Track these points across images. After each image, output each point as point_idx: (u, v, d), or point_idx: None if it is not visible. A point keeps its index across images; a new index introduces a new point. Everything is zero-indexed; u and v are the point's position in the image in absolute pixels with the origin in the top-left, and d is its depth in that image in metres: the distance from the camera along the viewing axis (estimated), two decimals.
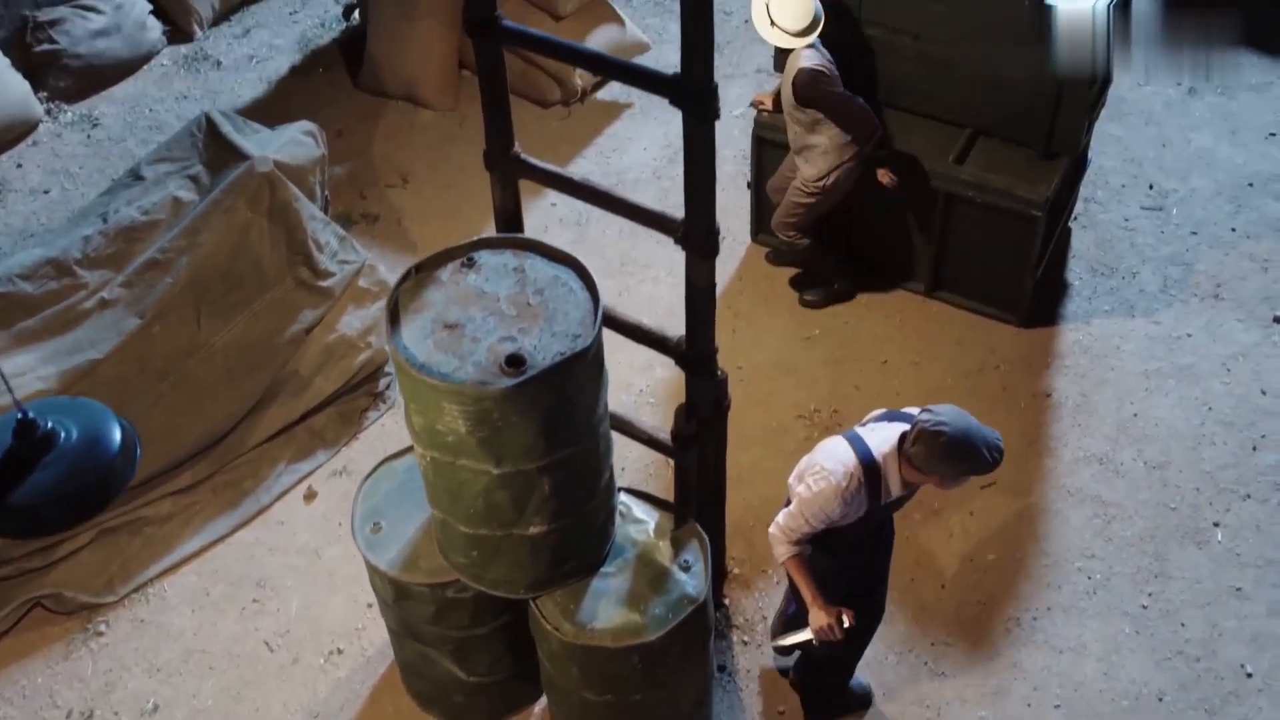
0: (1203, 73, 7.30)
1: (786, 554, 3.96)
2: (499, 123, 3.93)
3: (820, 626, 3.97)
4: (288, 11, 8.23)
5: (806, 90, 5.41)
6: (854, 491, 3.80)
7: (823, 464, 3.85)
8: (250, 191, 5.31)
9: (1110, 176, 6.87)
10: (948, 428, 3.64)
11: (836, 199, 5.73)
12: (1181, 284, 6.33)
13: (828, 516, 3.84)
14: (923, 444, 3.67)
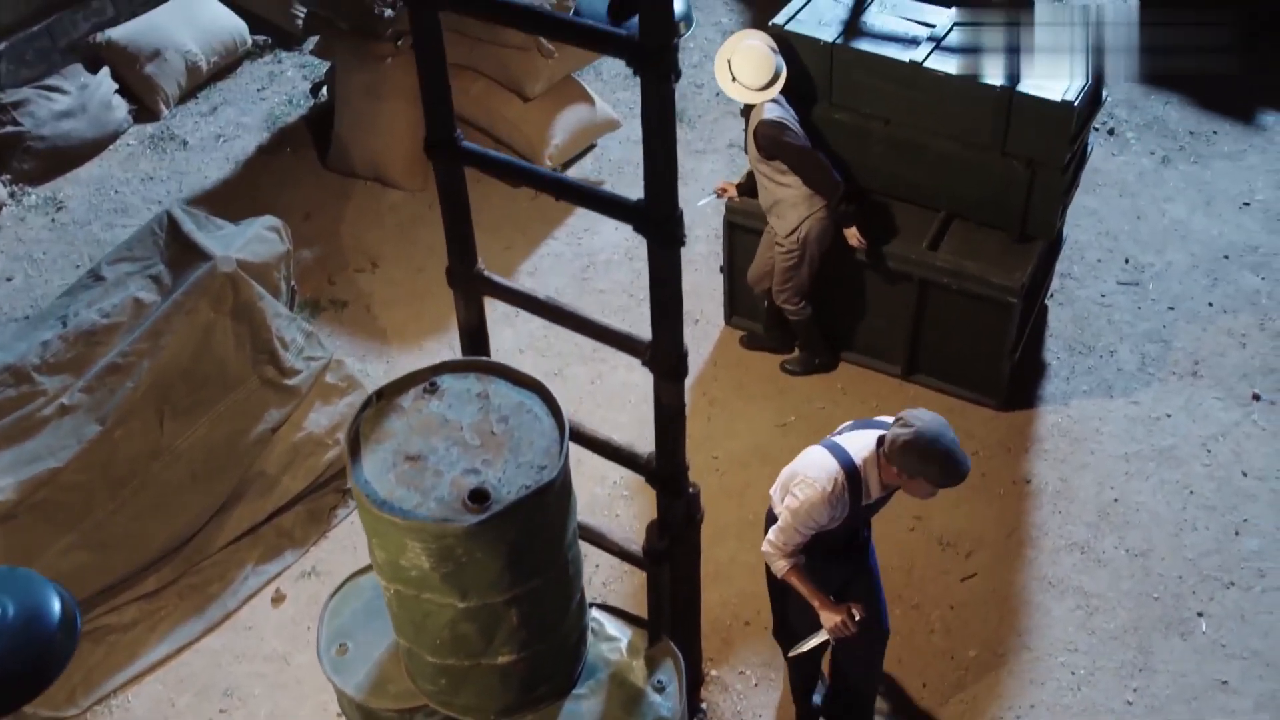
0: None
1: (786, 566, 4.17)
2: (461, 240, 3.84)
3: (833, 624, 4.15)
4: (255, 88, 8.15)
5: (768, 142, 5.41)
6: (838, 496, 4.01)
7: (806, 473, 4.06)
8: (213, 292, 5.22)
9: (1086, 251, 6.83)
10: (925, 431, 3.88)
11: (817, 253, 5.68)
12: (1160, 362, 6.28)
13: (816, 522, 4.06)
14: (900, 446, 3.90)
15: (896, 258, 5.68)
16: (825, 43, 5.60)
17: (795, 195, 5.51)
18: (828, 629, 4.21)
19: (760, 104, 5.45)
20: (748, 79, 5.42)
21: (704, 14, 8.55)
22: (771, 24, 5.75)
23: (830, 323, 6.12)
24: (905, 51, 5.53)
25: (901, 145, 5.71)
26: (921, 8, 5.83)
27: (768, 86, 5.44)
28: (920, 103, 5.53)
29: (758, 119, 5.44)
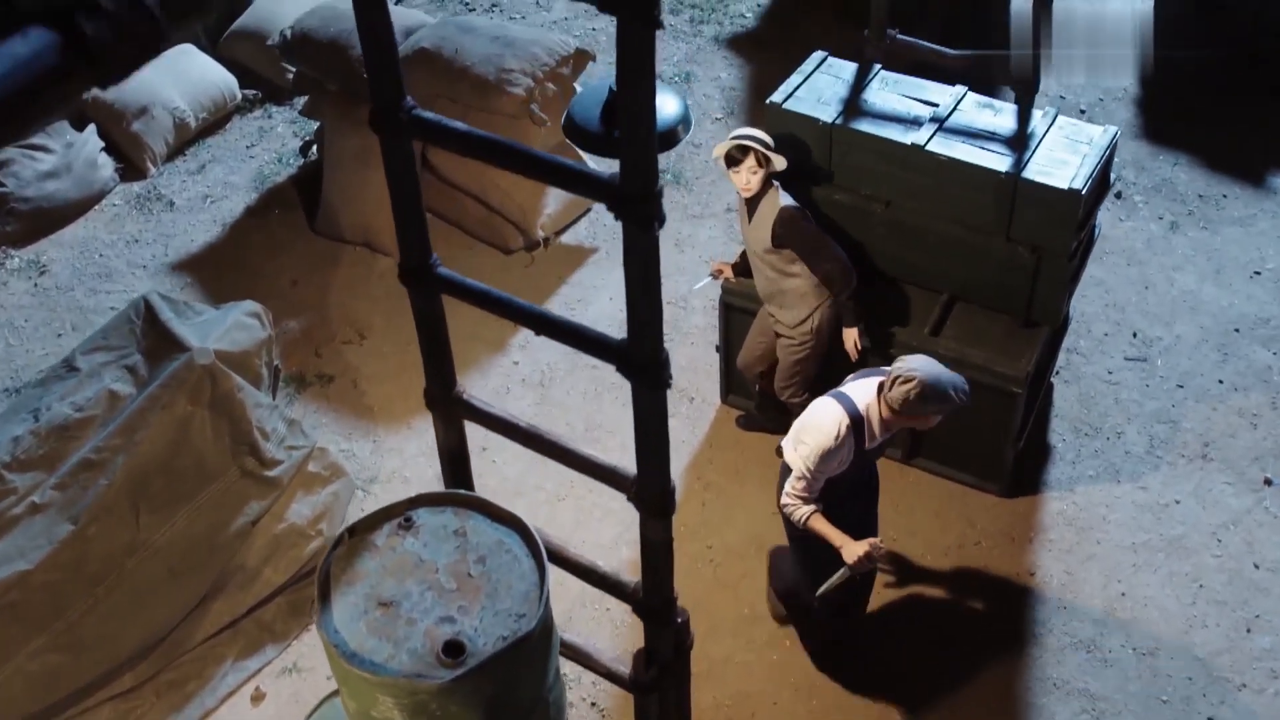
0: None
1: (807, 513, 4.52)
2: (439, 363, 3.68)
3: (857, 558, 4.50)
4: (244, 145, 7.99)
5: (785, 229, 5.19)
6: (844, 440, 4.41)
7: (816, 421, 4.47)
8: (190, 385, 5.05)
9: (1093, 324, 6.66)
10: (919, 374, 4.34)
11: (826, 342, 5.51)
12: (1168, 443, 6.10)
13: (827, 466, 4.45)
14: (898, 391, 4.34)
15: (898, 343, 5.51)
16: (824, 123, 5.44)
17: (803, 285, 5.32)
18: (852, 564, 4.53)
19: (772, 192, 5.24)
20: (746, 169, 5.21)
21: (702, 69, 8.39)
22: (769, 102, 5.59)
23: None
24: (907, 133, 5.37)
25: (903, 227, 5.54)
26: (924, 85, 5.66)
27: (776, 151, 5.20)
28: (922, 185, 5.36)
29: (772, 207, 5.23)
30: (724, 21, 8.78)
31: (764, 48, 8.55)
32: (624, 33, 2.54)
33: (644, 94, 2.63)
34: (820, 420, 4.46)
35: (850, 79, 5.69)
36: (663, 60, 8.43)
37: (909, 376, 4.35)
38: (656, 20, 2.51)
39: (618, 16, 2.53)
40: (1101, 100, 8.17)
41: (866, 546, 4.51)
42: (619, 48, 2.59)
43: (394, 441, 6.19)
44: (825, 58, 5.82)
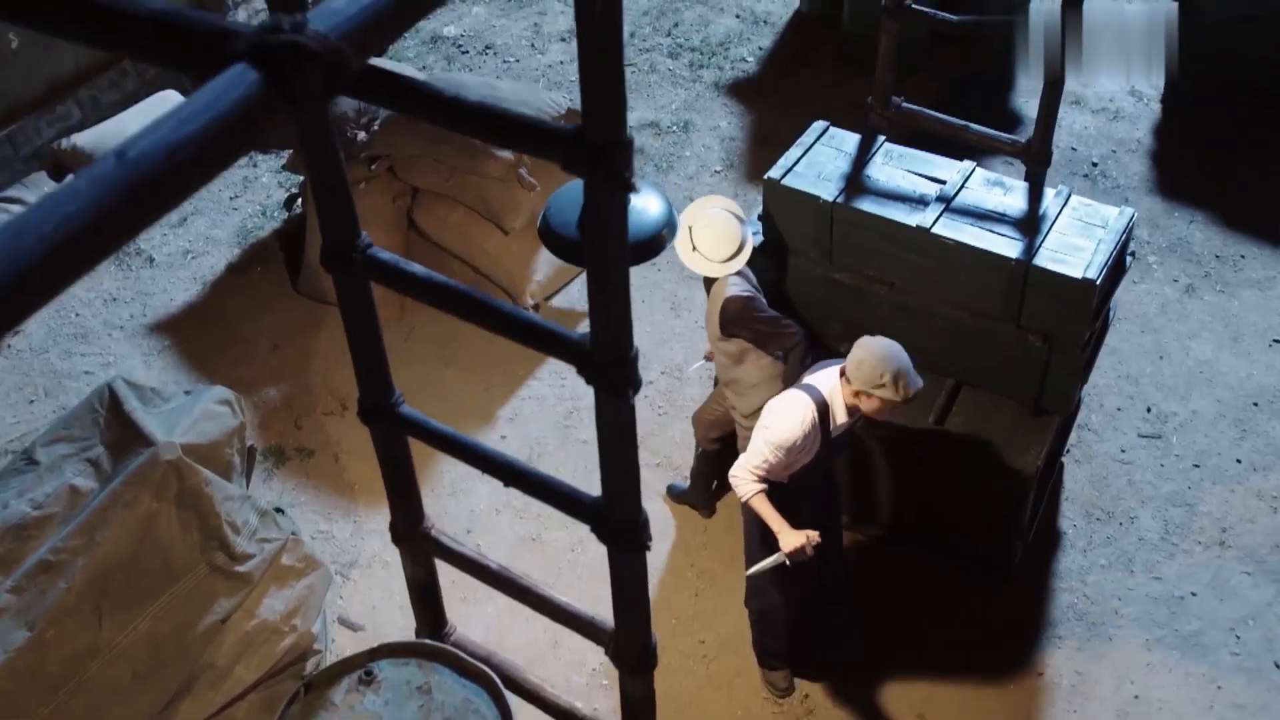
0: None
1: (751, 491, 4.49)
2: (405, 500, 3.42)
3: (793, 547, 4.45)
4: (228, 196, 7.74)
5: (731, 319, 4.90)
6: (811, 424, 4.40)
7: (785, 410, 4.45)
8: (154, 482, 4.80)
9: (1105, 397, 6.38)
10: (877, 348, 4.37)
11: None
12: (1184, 529, 5.83)
13: (785, 450, 4.41)
14: (856, 362, 4.35)
15: (899, 430, 5.24)
16: (825, 201, 5.17)
17: (757, 375, 5.01)
18: (786, 550, 4.48)
19: (723, 278, 4.94)
20: (710, 251, 4.86)
21: (702, 117, 8.12)
22: (767, 178, 5.33)
23: None
24: (912, 214, 5.10)
25: (907, 310, 5.28)
26: (930, 160, 5.39)
27: (731, 259, 4.88)
28: (928, 268, 5.10)
29: (720, 295, 4.95)
30: (724, 66, 8.52)
31: (765, 95, 8.29)
32: (593, 195, 2.28)
33: (615, 253, 2.37)
34: (789, 409, 4.45)
35: (852, 151, 5.42)
36: (660, 108, 8.18)
37: (862, 343, 4.42)
38: (628, 184, 2.26)
39: (584, 180, 2.27)
40: (1114, 152, 7.89)
41: (803, 538, 4.46)
42: (585, 203, 2.33)
43: (376, 522, 5.94)
44: (826, 128, 5.56)
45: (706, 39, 8.75)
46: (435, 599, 3.81)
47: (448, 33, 8.84)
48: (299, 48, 1.43)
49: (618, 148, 2.21)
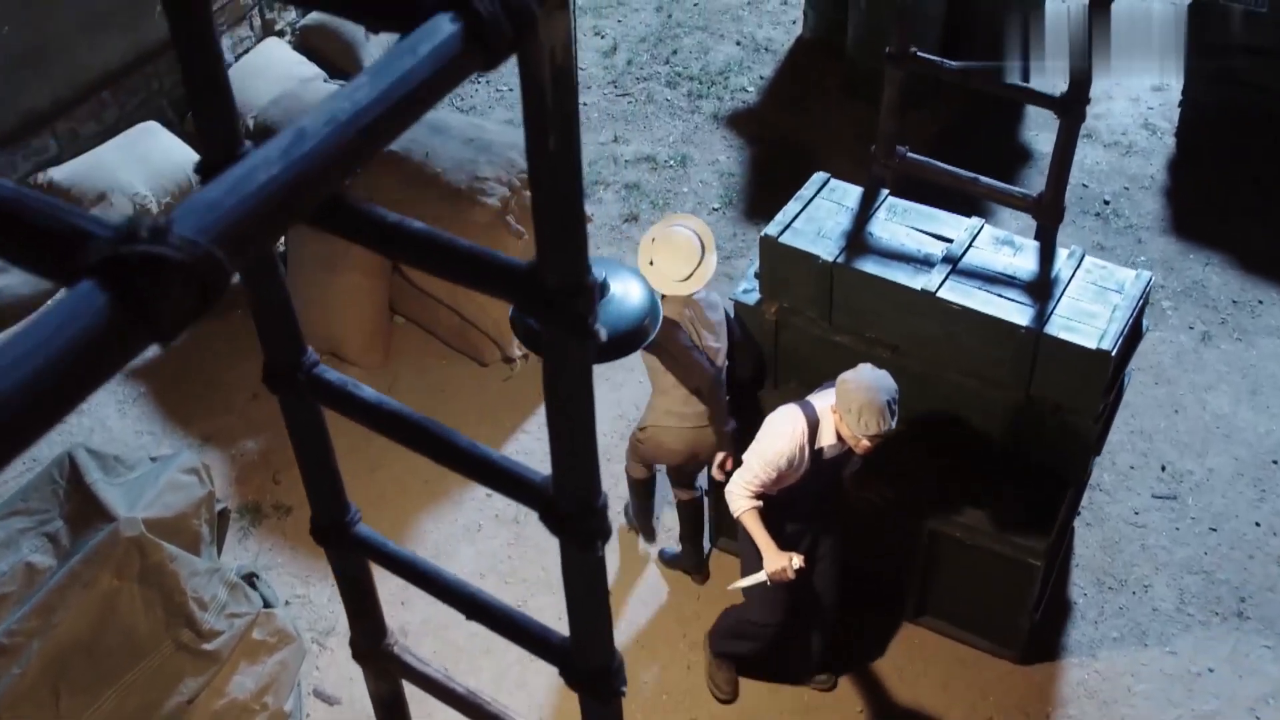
0: None
1: (745, 507, 4.47)
2: (367, 618, 3.16)
3: (776, 569, 4.48)
4: None
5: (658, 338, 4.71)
6: (800, 441, 4.36)
7: (776, 421, 4.43)
8: (115, 560, 4.55)
9: (1118, 455, 6.11)
10: (861, 377, 4.27)
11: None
12: (1200, 599, 5.56)
13: (777, 466, 4.37)
14: (841, 378, 4.29)
15: (901, 504, 4.98)
16: (824, 261, 4.91)
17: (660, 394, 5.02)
18: (769, 571, 4.51)
19: (667, 297, 4.74)
20: (666, 268, 4.74)
21: (700, 151, 7.86)
22: (764, 235, 5.07)
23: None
24: (916, 275, 4.84)
25: (911, 375, 5.00)
26: (936, 216, 5.13)
27: (685, 280, 4.75)
28: (933, 333, 4.84)
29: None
30: (724, 96, 8.25)
31: (766, 127, 8.02)
32: (552, 346, 2.02)
33: (578, 406, 2.11)
34: (780, 424, 4.43)
35: (854, 206, 5.16)
36: (657, 141, 7.92)
37: (850, 371, 4.33)
38: (592, 332, 2.00)
39: (544, 328, 2.02)
40: (1127, 189, 7.62)
41: (785, 560, 4.47)
42: (545, 364, 2.07)
43: None
44: (826, 180, 5.30)
45: (706, 67, 8.48)
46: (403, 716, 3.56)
47: None
48: (160, 262, 1.17)
49: (578, 292, 1.95)
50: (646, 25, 8.83)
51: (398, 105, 1.41)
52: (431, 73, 1.44)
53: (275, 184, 1.29)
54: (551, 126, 1.76)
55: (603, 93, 8.28)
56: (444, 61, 1.45)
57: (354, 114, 1.37)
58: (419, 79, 1.42)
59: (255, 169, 1.29)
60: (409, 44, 1.44)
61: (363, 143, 1.38)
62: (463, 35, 1.46)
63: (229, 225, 1.25)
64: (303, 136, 1.33)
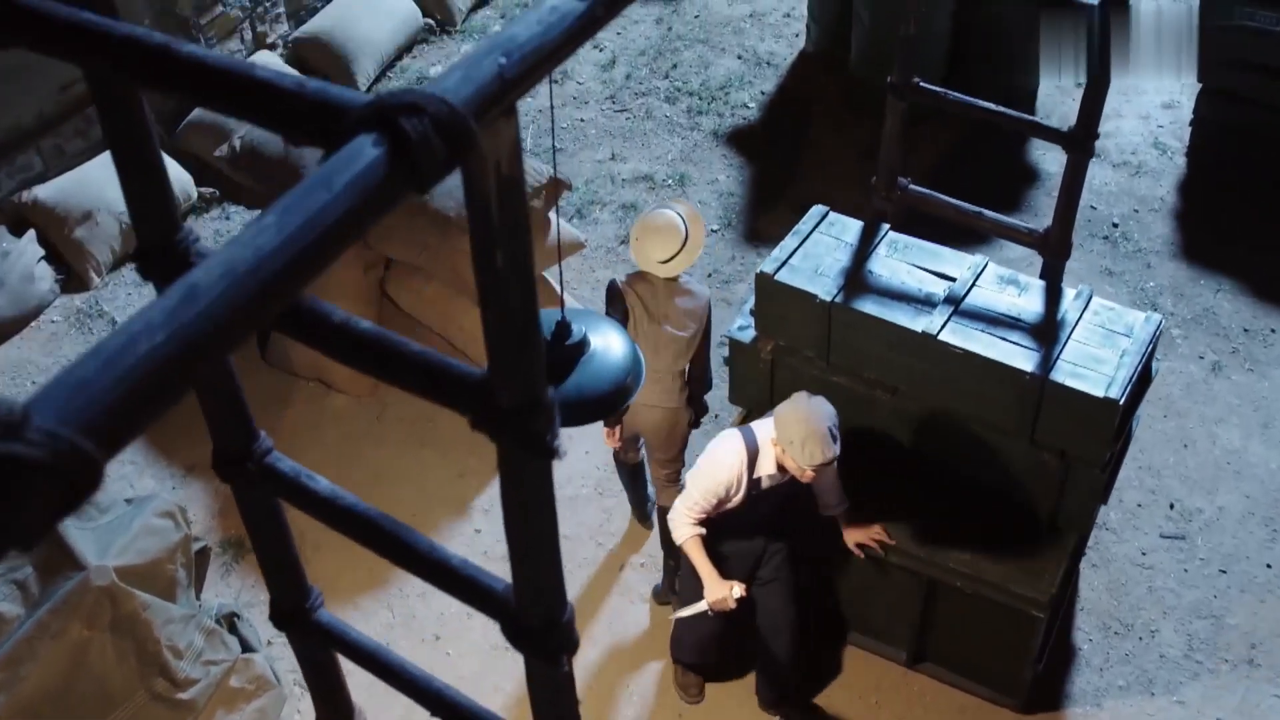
0: None
1: (688, 534, 4.46)
2: (332, 702, 3.01)
3: (716, 599, 4.47)
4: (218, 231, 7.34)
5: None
6: (739, 469, 4.35)
7: (717, 448, 4.43)
8: (86, 609, 4.40)
9: (1125, 491, 5.93)
10: (801, 398, 4.27)
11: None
12: (1209, 645, 5.39)
13: (716, 494, 4.38)
14: (780, 409, 4.27)
15: (900, 552, 4.81)
16: (822, 300, 4.73)
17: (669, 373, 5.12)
18: (710, 601, 4.49)
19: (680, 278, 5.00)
20: (650, 249, 4.87)
21: (699, 170, 7.69)
22: (760, 272, 4.90)
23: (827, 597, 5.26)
24: (917, 316, 4.67)
25: (911, 418, 4.85)
26: (938, 253, 4.96)
27: (666, 262, 4.86)
28: (934, 376, 4.67)
29: (688, 289, 5.07)
30: (724, 112, 8.07)
31: (768, 145, 7.84)
32: (508, 462, 1.86)
33: (538, 525, 1.96)
34: (722, 449, 4.42)
35: (853, 242, 4.98)
36: (655, 159, 7.74)
37: (786, 402, 4.30)
38: (550, 450, 1.84)
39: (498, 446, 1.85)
40: (1136, 211, 7.44)
41: (727, 590, 4.46)
42: (501, 479, 1.91)
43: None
44: (825, 214, 5.12)
45: (706, 82, 8.30)
46: None
47: (434, 74, 8.41)
48: (13, 463, 1.01)
49: (535, 410, 1.80)
50: (646, 38, 8.65)
51: (311, 248, 1.24)
52: (351, 206, 1.28)
53: (159, 356, 1.12)
54: (499, 242, 1.61)
55: (600, 108, 8.10)
56: (366, 193, 1.29)
57: (256, 264, 1.20)
58: (336, 215, 1.26)
59: (135, 338, 1.12)
60: (324, 174, 1.28)
61: (269, 297, 1.22)
62: (388, 160, 1.30)
63: (101, 410, 1.09)
64: (194, 295, 1.16)
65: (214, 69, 1.43)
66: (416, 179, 1.31)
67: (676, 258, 4.85)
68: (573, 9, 1.51)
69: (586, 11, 1.51)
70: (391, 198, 1.30)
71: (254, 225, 1.21)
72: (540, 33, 1.46)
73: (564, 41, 1.47)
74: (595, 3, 1.52)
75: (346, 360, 1.97)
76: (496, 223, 1.57)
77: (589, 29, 1.51)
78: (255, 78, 1.41)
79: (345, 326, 1.96)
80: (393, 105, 1.32)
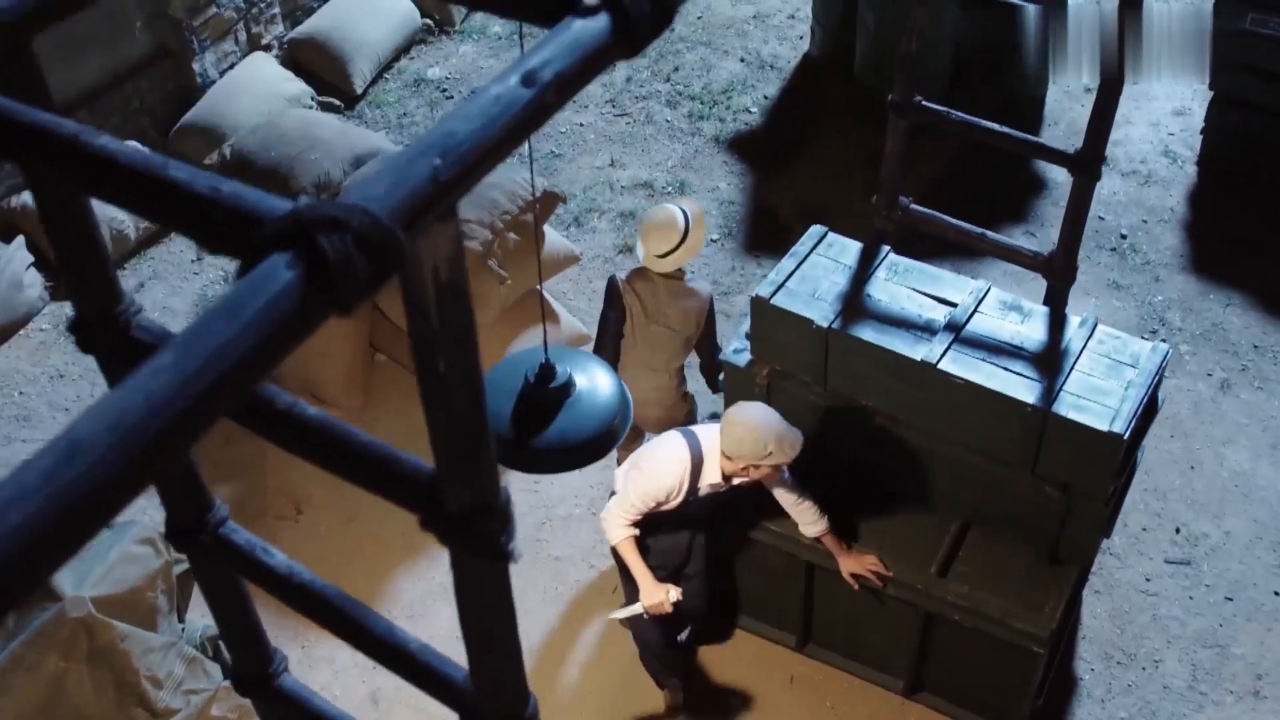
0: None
1: (622, 535, 4.46)
2: None
3: (652, 603, 4.49)
4: (189, 259, 7.22)
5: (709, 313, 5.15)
6: (683, 478, 4.34)
7: (661, 454, 4.41)
8: (61, 641, 4.31)
9: (1130, 515, 5.80)
10: (739, 416, 4.26)
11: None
12: (1214, 675, 5.27)
13: (654, 498, 4.38)
14: (733, 439, 4.24)
15: (897, 583, 4.70)
16: (819, 326, 4.61)
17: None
18: (646, 605, 4.51)
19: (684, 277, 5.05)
20: (648, 243, 4.95)
21: (700, 177, 7.55)
22: (755, 296, 4.77)
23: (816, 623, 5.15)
24: (917, 344, 4.54)
25: (909, 447, 4.73)
26: (940, 277, 4.82)
27: (664, 256, 4.91)
28: (934, 405, 4.54)
29: (692, 289, 5.09)
30: (726, 118, 7.93)
31: (770, 153, 7.70)
32: (460, 565, 1.75)
33: (498, 631, 1.85)
34: (664, 454, 4.42)
35: (853, 264, 4.86)
36: (655, 165, 7.61)
37: (731, 416, 4.29)
38: (507, 553, 1.73)
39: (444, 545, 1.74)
40: (1145, 222, 7.29)
41: (663, 593, 4.48)
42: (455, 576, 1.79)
43: (325, 649, 5.43)
44: (824, 235, 5.00)
45: (708, 86, 8.16)
46: None
47: (432, 75, 8.28)
48: None
49: (485, 515, 1.68)
50: None
51: (214, 390, 1.12)
52: (260, 341, 1.16)
53: (29, 528, 1.01)
54: (440, 349, 1.49)
55: (600, 112, 7.97)
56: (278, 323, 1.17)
57: (147, 414, 1.08)
58: (242, 351, 1.14)
59: (4, 509, 1.00)
60: (231, 301, 1.16)
61: (164, 449, 1.10)
62: (303, 284, 1.18)
63: None
64: (74, 453, 1.04)
65: (123, 166, 1.32)
66: (337, 303, 1.19)
67: (673, 254, 4.87)
68: (517, 98, 1.38)
69: (534, 100, 1.38)
70: (308, 325, 1.18)
71: (150, 364, 1.10)
72: (481, 128, 1.33)
73: (508, 136, 1.35)
74: (544, 89, 1.39)
75: (289, 447, 1.85)
76: (437, 328, 1.45)
77: (537, 119, 1.39)
78: (164, 178, 1.29)
79: (289, 413, 1.85)
80: (311, 220, 1.20)
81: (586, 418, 3.21)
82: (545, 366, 3.15)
